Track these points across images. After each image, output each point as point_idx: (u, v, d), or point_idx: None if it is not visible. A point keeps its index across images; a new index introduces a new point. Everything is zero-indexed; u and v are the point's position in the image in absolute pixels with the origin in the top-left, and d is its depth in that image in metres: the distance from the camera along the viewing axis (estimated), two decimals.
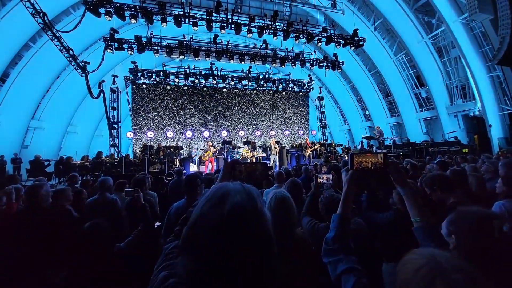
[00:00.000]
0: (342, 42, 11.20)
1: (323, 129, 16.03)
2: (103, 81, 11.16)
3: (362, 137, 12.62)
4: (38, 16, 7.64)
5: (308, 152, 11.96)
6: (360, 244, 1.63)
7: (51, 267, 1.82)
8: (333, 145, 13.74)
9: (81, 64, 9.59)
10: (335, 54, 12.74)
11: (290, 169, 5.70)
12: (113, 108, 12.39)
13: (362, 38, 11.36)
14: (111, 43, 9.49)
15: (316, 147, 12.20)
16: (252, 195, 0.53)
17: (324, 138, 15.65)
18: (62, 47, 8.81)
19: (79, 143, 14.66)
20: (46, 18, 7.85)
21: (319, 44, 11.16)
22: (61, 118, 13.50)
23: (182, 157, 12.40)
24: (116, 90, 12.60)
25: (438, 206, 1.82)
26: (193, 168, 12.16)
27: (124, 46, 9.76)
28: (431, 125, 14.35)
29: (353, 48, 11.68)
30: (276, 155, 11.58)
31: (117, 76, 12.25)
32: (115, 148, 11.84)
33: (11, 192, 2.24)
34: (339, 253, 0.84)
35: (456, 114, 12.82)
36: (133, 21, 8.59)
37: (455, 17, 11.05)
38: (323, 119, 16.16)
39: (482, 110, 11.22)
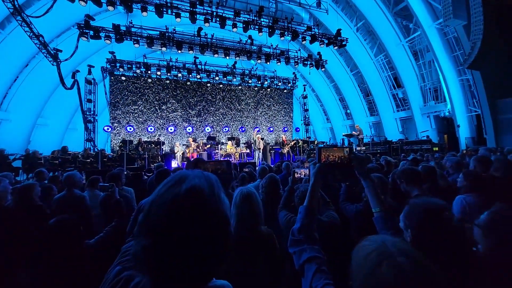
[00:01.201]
0: (326, 41, 11.42)
1: (307, 127, 16.32)
2: (78, 71, 10.49)
3: (343, 135, 13.04)
4: (7, 0, 7.03)
5: (286, 149, 12.15)
6: (332, 235, 1.70)
7: (13, 266, 1.71)
8: (316, 142, 14.08)
9: (52, 52, 8.94)
10: (319, 53, 12.97)
11: (272, 166, 5.78)
12: (89, 101, 11.73)
13: (345, 38, 11.64)
14: (86, 31, 8.92)
15: (292, 143, 12.42)
16: (210, 181, 0.54)
17: (308, 136, 15.95)
18: (31, 33, 8.15)
19: (50, 137, 13.70)
20: (16, 2, 7.24)
21: (304, 42, 11.30)
22: (30, 109, 12.50)
23: (163, 152, 12.07)
24: (92, 81, 11.91)
25: (406, 197, 1.93)
26: (175, 164, 11.89)
27: (100, 34, 9.20)
28: (406, 124, 15.12)
29: (336, 47, 11.95)
30: (260, 151, 11.63)
31: (93, 67, 11.56)
32: (91, 142, 11.25)
33: None
34: (304, 243, 0.86)
35: (428, 114, 13.61)
36: (110, 8, 8.10)
37: (430, 22, 11.66)
38: (307, 116, 16.43)
39: (452, 111, 12.01)
